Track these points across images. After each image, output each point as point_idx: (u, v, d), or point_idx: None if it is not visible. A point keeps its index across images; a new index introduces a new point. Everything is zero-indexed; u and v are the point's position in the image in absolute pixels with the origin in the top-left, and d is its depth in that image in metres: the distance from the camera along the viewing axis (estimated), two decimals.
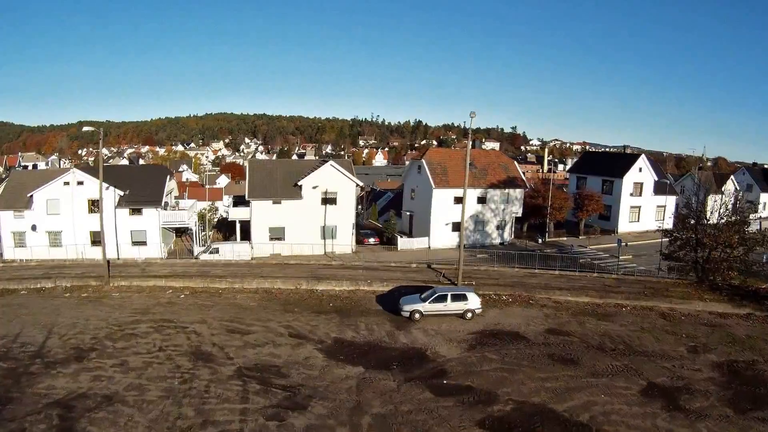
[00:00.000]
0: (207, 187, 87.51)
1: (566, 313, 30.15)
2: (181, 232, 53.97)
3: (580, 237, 56.79)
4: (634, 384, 21.72)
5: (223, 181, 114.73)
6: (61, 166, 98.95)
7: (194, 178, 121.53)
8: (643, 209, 62.06)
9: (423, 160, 51.75)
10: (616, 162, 63.97)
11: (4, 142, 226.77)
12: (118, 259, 42.97)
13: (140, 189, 46.50)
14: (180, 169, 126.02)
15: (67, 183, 45.99)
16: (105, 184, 42.41)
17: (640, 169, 61.77)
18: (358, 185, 48.26)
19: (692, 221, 37.07)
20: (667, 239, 38.43)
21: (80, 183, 45.98)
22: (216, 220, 63.66)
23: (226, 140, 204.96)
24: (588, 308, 31.21)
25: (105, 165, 35.62)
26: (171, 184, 51.06)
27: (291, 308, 29.84)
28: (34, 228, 46.24)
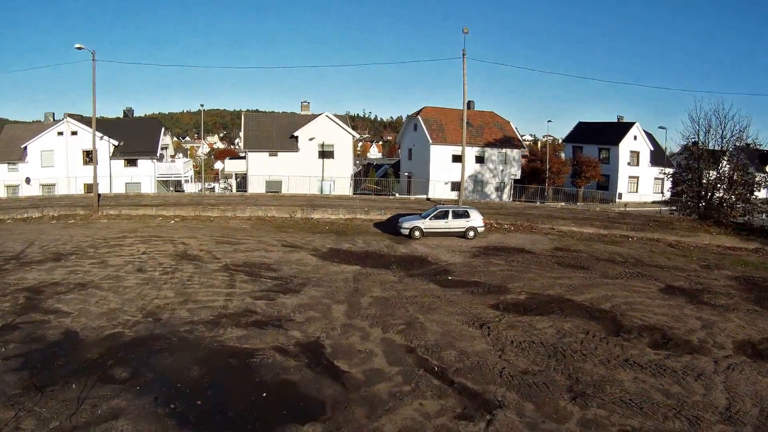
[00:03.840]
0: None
1: (572, 239, 27.84)
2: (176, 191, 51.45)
3: (579, 204, 54.53)
4: (651, 285, 19.35)
5: (218, 165, 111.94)
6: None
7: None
8: (641, 180, 59.79)
9: (419, 117, 49.46)
10: (611, 130, 61.81)
11: None
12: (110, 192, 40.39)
13: (135, 140, 44.08)
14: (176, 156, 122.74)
15: (60, 133, 43.57)
16: (99, 134, 39.89)
17: (635, 137, 59.67)
18: (354, 137, 45.88)
19: (694, 163, 35.10)
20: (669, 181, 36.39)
21: (74, 133, 43.58)
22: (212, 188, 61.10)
23: (221, 134, 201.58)
24: (594, 237, 28.90)
25: (98, 118, 33.11)
26: (166, 139, 48.62)
27: (285, 229, 27.41)
28: (27, 181, 43.72)
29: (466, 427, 9.21)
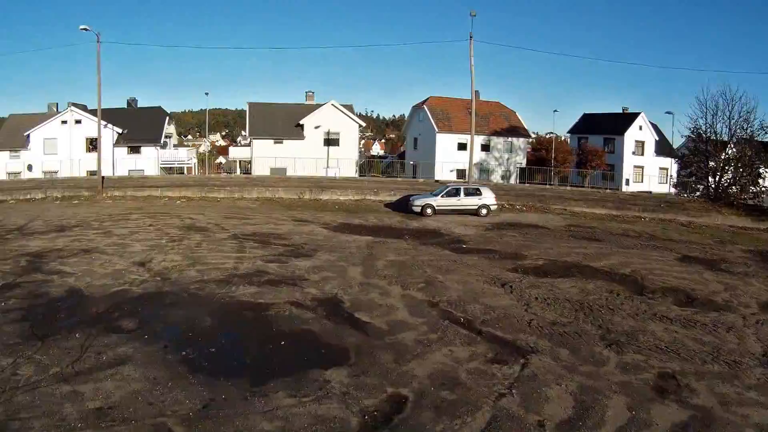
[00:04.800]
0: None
1: (585, 218, 27.17)
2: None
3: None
4: (667, 255, 18.73)
5: (221, 160, 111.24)
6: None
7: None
8: (646, 170, 58.78)
9: (425, 107, 48.75)
10: (616, 120, 60.84)
11: None
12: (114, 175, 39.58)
13: (139, 128, 43.36)
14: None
15: (64, 122, 42.88)
16: (103, 122, 39.19)
17: (640, 127, 58.72)
18: (360, 126, 45.23)
19: (703, 146, 34.40)
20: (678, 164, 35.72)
21: (78, 122, 42.90)
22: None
23: (223, 133, 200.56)
24: (606, 217, 28.21)
25: (102, 108, 32.48)
26: (170, 128, 47.91)
27: (294, 208, 26.76)
28: (30, 168, 42.97)
29: (500, 370, 8.54)
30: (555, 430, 6.86)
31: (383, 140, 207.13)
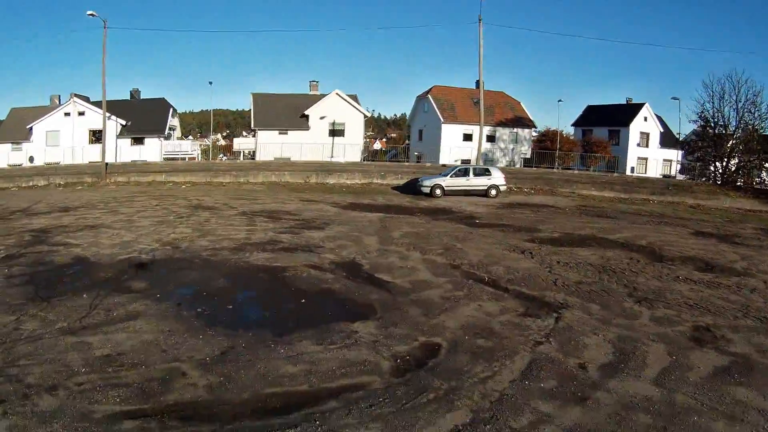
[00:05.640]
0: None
1: (594, 201, 26.79)
2: None
3: None
4: (680, 230, 18.33)
5: (221, 157, 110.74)
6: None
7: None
8: (650, 161, 58.31)
9: (429, 96, 48.26)
10: (621, 112, 60.30)
11: None
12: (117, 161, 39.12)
13: (143, 120, 42.87)
14: None
15: (67, 114, 42.41)
16: (107, 113, 38.78)
17: (645, 118, 58.21)
18: (365, 116, 44.75)
19: (710, 131, 33.93)
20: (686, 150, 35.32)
21: (81, 113, 42.41)
22: None
23: (224, 133, 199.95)
24: (615, 200, 27.87)
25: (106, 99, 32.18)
26: (174, 121, 47.41)
27: (301, 191, 26.33)
28: (31, 160, 42.50)
29: (534, 322, 8.12)
30: (598, 371, 6.45)
31: (385, 139, 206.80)
